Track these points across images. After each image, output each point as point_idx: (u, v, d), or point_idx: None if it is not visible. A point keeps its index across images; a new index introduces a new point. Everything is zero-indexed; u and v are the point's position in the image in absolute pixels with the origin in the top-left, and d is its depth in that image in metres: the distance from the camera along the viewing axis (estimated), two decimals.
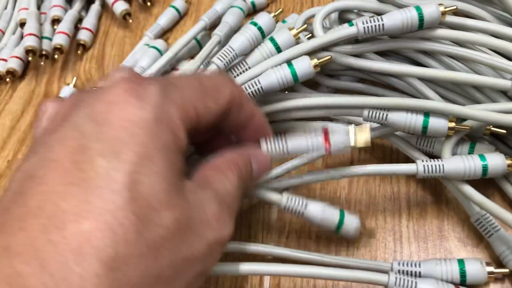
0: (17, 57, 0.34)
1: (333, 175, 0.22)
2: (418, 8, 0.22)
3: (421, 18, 0.22)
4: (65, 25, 0.34)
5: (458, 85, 0.24)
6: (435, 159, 0.21)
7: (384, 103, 0.22)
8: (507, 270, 0.21)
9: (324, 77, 0.27)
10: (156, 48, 0.31)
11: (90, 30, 0.35)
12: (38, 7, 0.36)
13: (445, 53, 0.23)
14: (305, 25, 0.26)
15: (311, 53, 0.24)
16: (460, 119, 0.22)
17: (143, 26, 0.36)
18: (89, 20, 0.36)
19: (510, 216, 0.20)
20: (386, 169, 0.22)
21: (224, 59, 0.24)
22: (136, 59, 0.31)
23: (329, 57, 0.24)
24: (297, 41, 0.25)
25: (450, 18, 0.23)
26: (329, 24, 0.27)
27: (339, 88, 0.27)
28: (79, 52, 0.35)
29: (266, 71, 0.23)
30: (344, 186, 0.26)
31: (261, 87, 0.23)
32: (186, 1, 0.35)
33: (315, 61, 0.23)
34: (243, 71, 0.24)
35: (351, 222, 0.22)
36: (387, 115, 0.22)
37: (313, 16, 0.26)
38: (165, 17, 0.34)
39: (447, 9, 0.22)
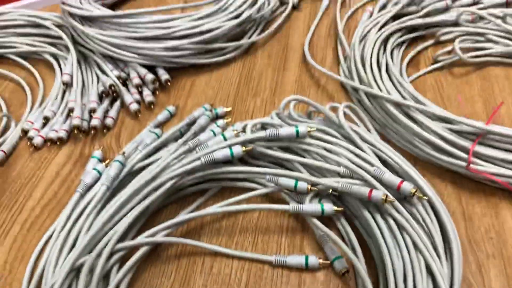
0: (65, 130, 0.54)
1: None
2: (296, 126, 0.44)
3: (297, 132, 0.44)
4: (99, 114, 0.55)
5: (316, 167, 0.45)
6: (299, 204, 0.42)
7: (277, 173, 0.43)
8: (328, 262, 0.41)
9: (250, 157, 0.48)
10: (155, 133, 0.52)
11: (113, 118, 0.56)
12: None
13: (311, 151, 0.45)
14: (242, 129, 0.47)
15: (242, 144, 0.45)
16: (314, 184, 0.43)
17: (147, 118, 0.57)
18: (113, 112, 0.57)
19: (332, 234, 0.40)
20: (277, 206, 0.42)
21: (194, 143, 0.45)
22: (142, 138, 0.51)
23: (251, 147, 0.45)
24: (237, 136, 0.46)
25: (314, 133, 0.45)
26: (255, 129, 0.48)
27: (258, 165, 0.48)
28: (104, 131, 0.55)
29: (217, 150, 0.44)
30: (256, 217, 0.45)
31: (214, 158, 0.43)
32: (176, 106, 0.57)
33: (243, 148, 0.44)
34: (203, 148, 0.45)
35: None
36: (278, 179, 0.43)
37: (246, 125, 0.48)
38: (162, 116, 0.55)
39: (311, 129, 0.44)
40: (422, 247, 0.37)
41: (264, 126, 0.48)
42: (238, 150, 0.44)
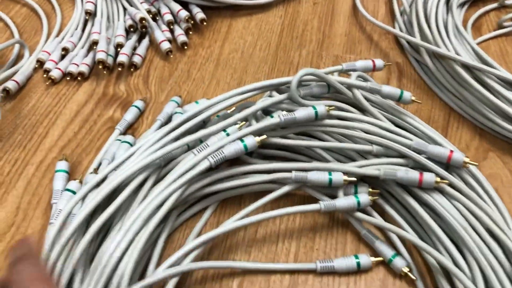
0: (86, 64, 0.48)
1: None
2: (314, 107, 0.36)
3: (316, 113, 0.36)
4: (126, 50, 0.48)
5: (343, 150, 0.39)
6: (331, 200, 0.35)
7: (304, 167, 0.36)
8: (381, 258, 0.35)
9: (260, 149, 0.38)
10: (128, 142, 0.40)
11: (141, 56, 0.50)
12: None
13: (333, 132, 0.38)
14: (245, 122, 0.37)
15: (255, 134, 0.35)
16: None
17: (178, 61, 0.50)
18: (141, 49, 0.50)
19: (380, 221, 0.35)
20: (305, 208, 0.34)
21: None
22: (113, 151, 0.39)
23: (265, 137, 0.35)
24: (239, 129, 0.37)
25: (333, 112, 0.38)
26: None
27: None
28: (131, 70, 0.49)
29: (227, 145, 0.34)
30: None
31: (224, 155, 0.34)
32: (144, 100, 0.45)
33: (257, 138, 0.35)
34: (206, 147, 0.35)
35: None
36: (306, 176, 0.35)
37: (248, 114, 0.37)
38: (130, 114, 0.44)
39: (330, 108, 0.37)
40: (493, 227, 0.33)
41: (267, 112, 0.40)
42: (251, 141, 0.35)
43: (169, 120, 0.42)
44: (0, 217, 0.38)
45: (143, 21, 0.50)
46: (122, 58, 0.48)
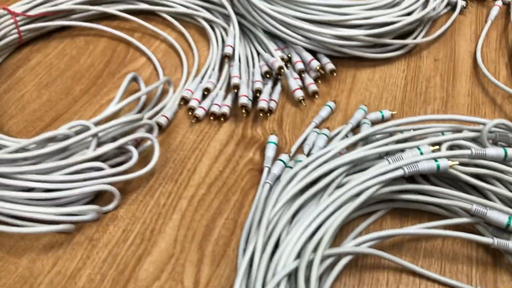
0: (228, 106, 0.52)
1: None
2: (504, 149, 0.40)
3: (506, 155, 0.40)
4: (265, 96, 0.52)
5: None
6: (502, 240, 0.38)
7: (485, 203, 0.39)
8: None
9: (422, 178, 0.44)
10: (325, 135, 0.48)
11: (275, 102, 0.53)
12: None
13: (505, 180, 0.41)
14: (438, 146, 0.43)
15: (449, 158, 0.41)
16: None
17: (309, 108, 0.54)
18: (275, 95, 0.54)
19: None
20: (478, 238, 0.39)
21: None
22: (312, 139, 0.48)
23: (457, 162, 0.40)
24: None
25: None
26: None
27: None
28: (268, 114, 0.53)
29: (421, 161, 0.40)
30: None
31: (418, 169, 0.40)
32: (334, 101, 0.53)
33: (449, 162, 0.40)
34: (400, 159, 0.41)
35: None
36: (486, 212, 0.39)
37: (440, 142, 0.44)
38: (324, 111, 0.52)
39: None
40: None
41: (453, 147, 0.44)
42: (444, 163, 0.40)
43: (357, 125, 0.50)
44: (162, 247, 0.42)
45: (281, 70, 0.54)
46: (262, 104, 0.51)
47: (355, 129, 0.50)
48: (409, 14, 0.59)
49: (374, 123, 0.50)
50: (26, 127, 0.51)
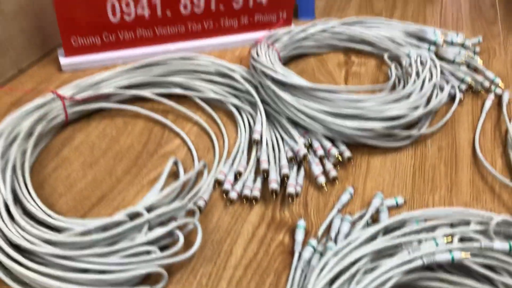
0: (258, 189, 0.58)
1: None
2: (510, 244, 0.47)
3: (510, 248, 0.47)
4: (292, 181, 0.58)
5: None
6: None
7: None
8: None
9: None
10: (348, 220, 0.55)
11: (300, 186, 0.59)
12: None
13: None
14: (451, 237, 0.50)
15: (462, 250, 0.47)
16: None
17: (329, 193, 0.60)
18: (300, 180, 0.60)
19: None
20: None
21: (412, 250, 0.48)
22: (338, 225, 0.54)
23: (469, 255, 0.46)
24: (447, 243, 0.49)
25: None
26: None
27: None
28: (295, 198, 0.58)
29: (438, 253, 0.46)
30: None
31: (435, 259, 0.45)
32: (352, 186, 0.60)
33: (463, 254, 0.46)
34: (418, 250, 0.48)
35: None
36: None
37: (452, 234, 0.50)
38: (345, 197, 0.58)
39: None
40: None
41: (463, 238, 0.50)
42: (458, 255, 0.46)
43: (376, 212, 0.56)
44: None
45: (306, 158, 0.60)
46: (291, 189, 0.57)
47: (374, 215, 0.56)
48: (417, 107, 0.66)
49: (389, 208, 0.57)
50: (75, 206, 0.55)
